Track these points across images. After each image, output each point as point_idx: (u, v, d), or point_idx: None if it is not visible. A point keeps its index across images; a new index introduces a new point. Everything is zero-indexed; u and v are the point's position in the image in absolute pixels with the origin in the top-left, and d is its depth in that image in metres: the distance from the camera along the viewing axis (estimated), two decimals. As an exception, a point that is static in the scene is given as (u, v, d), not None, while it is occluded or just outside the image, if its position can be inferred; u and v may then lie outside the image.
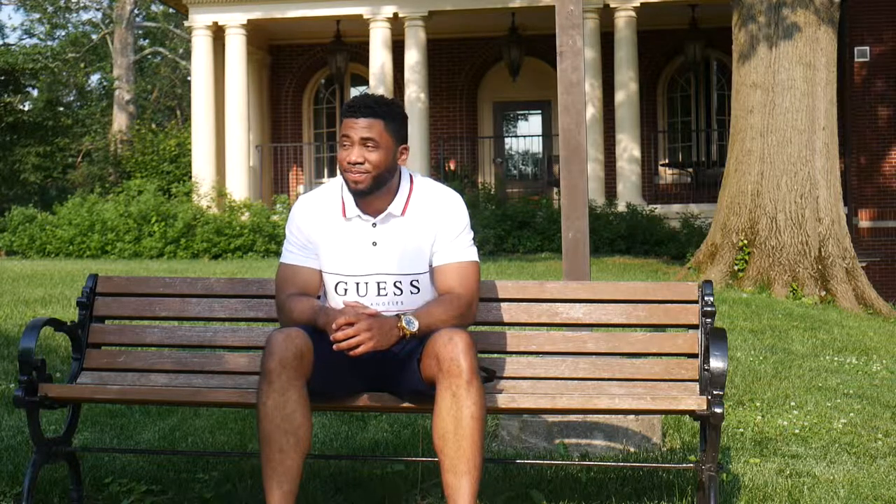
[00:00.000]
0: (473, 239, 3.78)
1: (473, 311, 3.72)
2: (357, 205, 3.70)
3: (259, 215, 17.34)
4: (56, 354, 6.67)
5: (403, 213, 3.71)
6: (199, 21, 19.37)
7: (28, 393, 3.74)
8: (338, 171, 3.75)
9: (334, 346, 3.44)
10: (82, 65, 37.36)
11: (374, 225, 3.70)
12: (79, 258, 16.81)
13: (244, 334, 4.09)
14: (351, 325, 3.44)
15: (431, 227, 3.70)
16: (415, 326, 3.53)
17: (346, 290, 3.70)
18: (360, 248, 3.69)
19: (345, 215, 3.72)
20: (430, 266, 3.72)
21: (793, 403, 6.04)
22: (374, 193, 3.66)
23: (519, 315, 4.01)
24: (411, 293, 3.69)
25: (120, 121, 30.11)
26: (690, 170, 20.49)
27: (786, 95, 11.85)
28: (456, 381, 3.37)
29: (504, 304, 4.02)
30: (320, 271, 3.75)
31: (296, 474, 3.42)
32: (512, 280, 4.07)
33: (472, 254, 3.74)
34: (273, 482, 3.40)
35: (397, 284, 3.68)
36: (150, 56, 39.95)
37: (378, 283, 3.68)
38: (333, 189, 3.78)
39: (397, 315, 3.56)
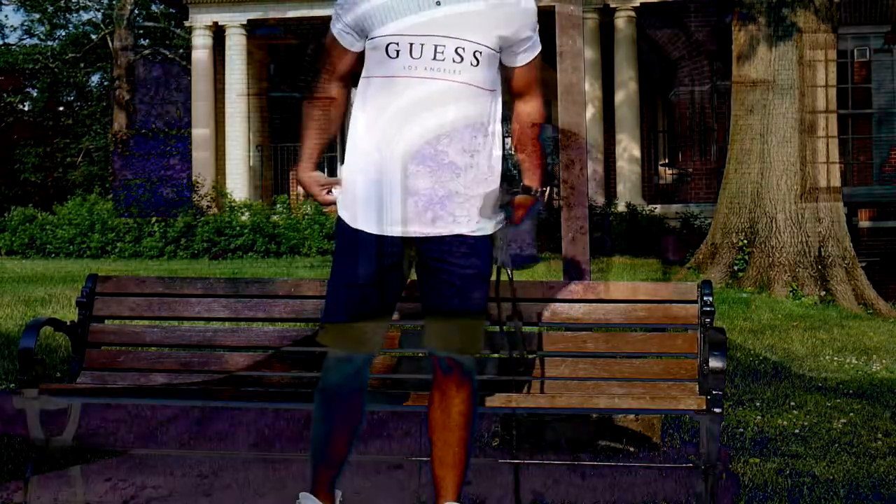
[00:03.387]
0: None
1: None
2: None
3: (259, 215, 17.34)
4: (56, 354, 6.67)
5: None
6: (199, 21, 19.36)
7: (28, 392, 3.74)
8: None
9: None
10: (82, 65, 37.32)
11: None
12: (79, 258, 16.81)
13: (244, 334, 4.09)
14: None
15: (507, 7, 3.38)
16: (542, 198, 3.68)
17: (398, 51, 3.30)
18: (420, 5, 3.30)
19: None
20: (504, 56, 3.43)
21: (793, 403, 6.04)
22: None
23: (519, 315, 4.00)
24: (471, 65, 3.31)
25: (120, 121, 30.07)
26: (691, 170, 20.45)
27: (786, 95, 11.85)
28: (446, 381, 3.43)
29: (504, 304, 4.01)
30: (355, 54, 3.43)
31: (344, 456, 3.49)
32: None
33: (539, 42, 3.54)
34: (322, 465, 3.47)
35: (458, 51, 3.30)
36: (150, 56, 39.92)
37: (436, 46, 3.29)
38: None
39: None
